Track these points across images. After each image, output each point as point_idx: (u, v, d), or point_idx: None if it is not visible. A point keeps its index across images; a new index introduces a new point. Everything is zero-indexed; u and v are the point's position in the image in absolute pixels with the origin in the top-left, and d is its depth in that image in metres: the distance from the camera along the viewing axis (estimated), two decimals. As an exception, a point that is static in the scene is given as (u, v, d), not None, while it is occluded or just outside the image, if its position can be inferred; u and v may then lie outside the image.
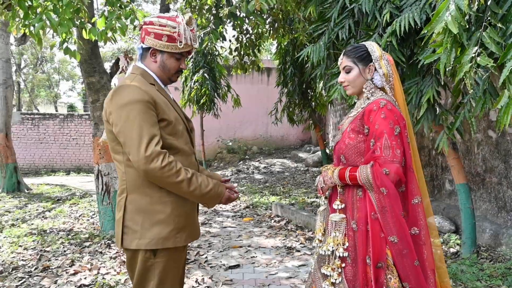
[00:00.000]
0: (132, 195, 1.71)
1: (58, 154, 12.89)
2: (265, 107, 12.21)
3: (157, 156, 1.59)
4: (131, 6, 3.41)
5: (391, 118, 1.71)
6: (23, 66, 22.49)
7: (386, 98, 1.79)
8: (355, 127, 1.82)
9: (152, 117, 1.65)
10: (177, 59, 1.79)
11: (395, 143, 1.67)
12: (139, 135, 1.60)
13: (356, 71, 1.84)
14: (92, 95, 4.93)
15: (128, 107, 1.62)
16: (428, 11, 3.00)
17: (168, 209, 1.70)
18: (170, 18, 1.74)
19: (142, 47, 1.79)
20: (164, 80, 1.83)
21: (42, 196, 8.29)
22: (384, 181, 1.66)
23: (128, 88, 1.67)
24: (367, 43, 1.89)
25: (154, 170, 1.59)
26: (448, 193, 4.81)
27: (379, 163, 1.68)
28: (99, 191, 4.95)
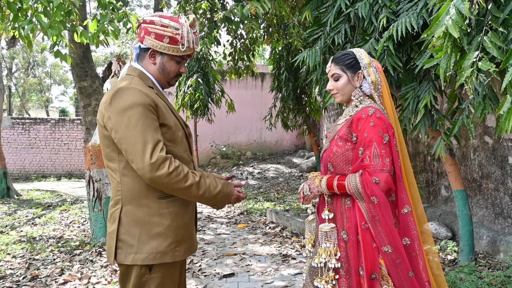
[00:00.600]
0: (127, 206, 1.60)
1: (49, 159, 12.71)
2: (259, 112, 12.17)
3: (163, 162, 1.51)
4: (124, 9, 3.34)
5: (380, 126, 1.69)
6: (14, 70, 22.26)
7: (374, 106, 1.77)
8: (343, 135, 1.79)
9: (154, 121, 1.56)
10: (177, 62, 1.71)
11: (384, 151, 1.66)
12: (143, 141, 1.50)
13: (345, 79, 1.82)
14: (84, 99, 4.85)
15: (129, 111, 1.52)
16: (425, 16, 2.98)
17: (167, 221, 1.61)
18: (172, 18, 1.66)
19: (140, 47, 1.69)
20: (163, 83, 1.74)
21: (32, 202, 8.14)
22: (374, 190, 1.63)
23: (128, 91, 1.56)
24: (355, 50, 1.87)
25: (161, 177, 1.50)
26: (444, 199, 4.78)
27: (369, 172, 1.66)
28: (90, 197, 4.85)
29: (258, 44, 7.16)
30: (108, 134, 1.59)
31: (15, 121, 12.64)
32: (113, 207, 1.65)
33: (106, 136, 1.60)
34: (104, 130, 1.60)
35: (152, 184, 1.53)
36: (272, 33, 6.65)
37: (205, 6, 4.11)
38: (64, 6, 2.73)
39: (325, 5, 3.74)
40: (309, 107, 8.69)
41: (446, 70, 2.04)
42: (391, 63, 3.11)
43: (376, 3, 3.31)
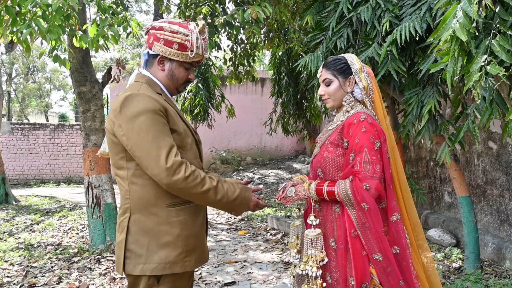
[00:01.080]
0: (136, 215, 1.57)
1: (48, 164, 12.64)
2: (259, 118, 12.12)
3: (179, 166, 1.49)
4: (124, 14, 3.30)
5: (372, 132, 1.67)
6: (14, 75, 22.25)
7: (366, 111, 1.75)
8: (334, 140, 1.77)
9: (165, 126, 1.55)
10: (186, 69, 1.69)
11: (375, 158, 1.63)
12: (157, 146, 1.49)
13: (336, 84, 1.81)
14: (83, 104, 4.80)
15: (140, 117, 1.50)
16: (429, 20, 2.94)
17: (176, 230, 1.57)
18: (181, 24, 1.64)
19: (148, 53, 1.68)
20: (171, 90, 1.72)
21: (30, 208, 8.07)
22: (364, 197, 1.60)
23: (137, 97, 1.54)
24: (347, 55, 1.86)
25: (178, 181, 1.48)
26: (447, 205, 4.72)
27: (359, 178, 1.63)
28: (89, 204, 4.79)
29: (259, 49, 7.13)
30: (117, 142, 1.57)
31: (14, 127, 12.59)
32: (121, 215, 1.62)
33: (115, 143, 1.58)
34: (114, 137, 1.58)
35: (169, 190, 1.52)
36: (273, 38, 6.62)
37: (206, 10, 4.08)
38: (63, 10, 2.69)
39: (326, 10, 3.71)
40: (309, 112, 8.65)
41: (453, 74, 2.00)
42: (394, 68, 3.07)
43: (378, 7, 3.28)
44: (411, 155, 5.49)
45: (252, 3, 3.78)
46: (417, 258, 1.78)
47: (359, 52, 3.29)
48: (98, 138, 4.82)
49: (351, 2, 3.42)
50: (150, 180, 1.55)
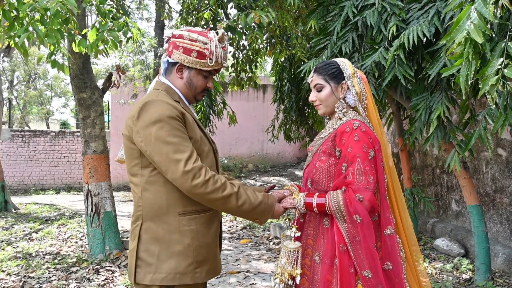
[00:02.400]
0: (147, 223, 1.56)
1: (48, 172, 12.55)
2: (260, 124, 12.05)
3: (199, 170, 1.47)
4: (124, 18, 3.23)
5: (365, 141, 1.59)
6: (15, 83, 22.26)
7: (359, 119, 1.68)
8: (326, 149, 1.68)
9: (184, 132, 1.54)
10: (205, 77, 1.68)
11: (368, 168, 1.56)
12: (176, 150, 1.47)
13: (328, 90, 1.73)
14: (83, 111, 4.72)
15: (158, 123, 1.49)
16: (437, 23, 2.87)
17: (187, 240, 1.53)
18: (201, 33, 1.64)
19: (168, 61, 1.69)
20: (189, 98, 1.72)
21: (29, 216, 7.97)
22: (357, 209, 1.52)
23: (155, 103, 1.54)
24: (339, 59, 1.78)
25: (198, 186, 1.45)
26: (455, 214, 4.60)
27: (352, 189, 1.54)
28: (88, 212, 4.69)
29: (261, 55, 7.08)
30: (134, 148, 1.57)
31: (15, 134, 12.52)
32: (133, 223, 1.61)
33: (132, 150, 1.58)
34: (131, 144, 1.57)
35: (190, 195, 1.49)
36: (275, 44, 6.55)
37: (208, 15, 4.02)
38: (61, 14, 2.62)
39: (331, 14, 3.64)
40: (312, 118, 8.57)
41: (466, 78, 1.91)
42: (402, 73, 2.99)
43: (384, 11, 3.20)
44: (417, 162, 5.39)
45: (254, 8, 3.71)
46: (412, 274, 1.70)
47: (364, 57, 3.21)
48: (98, 145, 4.73)
49: (356, 6, 3.35)
50: (163, 188, 1.54)
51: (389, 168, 1.72)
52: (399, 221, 1.70)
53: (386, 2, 3.20)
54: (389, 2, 3.19)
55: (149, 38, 12.00)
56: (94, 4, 3.08)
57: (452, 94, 3.11)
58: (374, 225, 1.57)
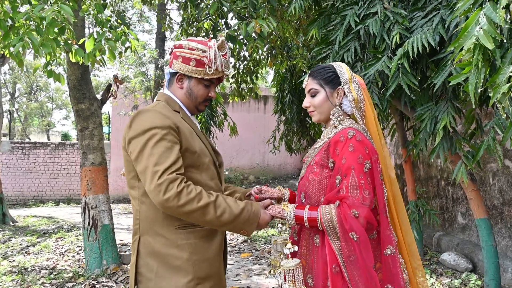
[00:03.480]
0: (145, 236, 1.51)
1: (48, 184, 12.45)
2: (262, 136, 11.98)
3: (171, 182, 1.36)
4: (122, 28, 3.18)
5: (361, 151, 1.45)
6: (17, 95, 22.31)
7: (355, 127, 1.54)
8: (319, 160, 1.56)
9: (173, 144, 1.45)
10: (206, 86, 1.63)
11: (364, 181, 1.42)
12: (155, 163, 1.39)
13: (323, 95, 1.60)
14: (81, 122, 4.65)
15: (148, 133, 1.44)
16: (442, 31, 2.80)
17: (185, 254, 1.45)
18: (200, 41, 1.61)
19: (170, 72, 1.65)
20: (191, 108, 1.66)
21: (27, 229, 7.85)
22: (353, 225, 1.38)
23: (148, 113, 1.50)
24: (336, 63, 1.65)
25: (169, 199, 1.34)
26: (461, 227, 4.48)
27: (347, 204, 1.40)
28: (86, 225, 4.58)
29: (262, 66, 7.04)
30: (130, 159, 1.52)
31: (15, 146, 12.46)
32: (133, 237, 1.57)
33: (128, 162, 1.53)
34: (128, 155, 1.53)
35: (164, 210, 1.40)
36: (276, 55, 6.51)
37: (208, 25, 3.97)
38: (57, 22, 2.56)
39: (332, 23, 3.58)
40: (313, 129, 8.49)
41: (476, 86, 1.83)
42: (406, 82, 2.91)
43: (387, 20, 3.14)
44: (421, 174, 5.28)
45: (255, 17, 3.66)
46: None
47: (367, 66, 3.14)
48: (96, 156, 4.65)
49: (358, 15, 3.30)
50: None
51: (390, 179, 1.59)
52: (401, 238, 1.57)
53: (389, 10, 3.15)
54: (391, 10, 3.14)
55: (150, 50, 12.02)
56: (92, 13, 3.03)
57: (458, 104, 3.02)
58: (373, 244, 1.45)
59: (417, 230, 4.20)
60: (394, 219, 1.56)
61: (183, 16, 5.41)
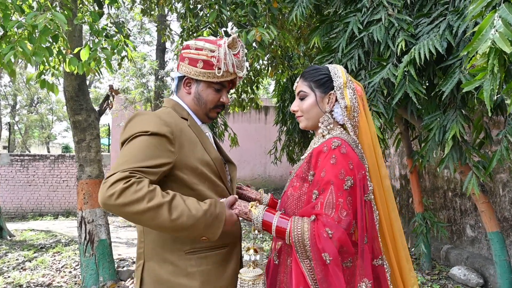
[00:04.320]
0: (150, 262, 1.33)
1: (47, 197, 12.31)
2: (263, 146, 11.87)
3: (122, 179, 1.14)
4: (118, 36, 3.08)
5: (343, 165, 1.26)
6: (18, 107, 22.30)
7: (343, 137, 1.35)
8: (300, 173, 1.38)
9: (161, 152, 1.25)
10: (216, 91, 1.45)
11: (342, 200, 1.23)
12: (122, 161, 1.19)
13: (312, 99, 1.42)
14: (78, 134, 4.54)
15: (136, 138, 1.25)
16: (449, 37, 2.70)
17: (196, 283, 1.28)
18: (208, 40, 1.43)
19: (177, 76, 1.50)
20: (200, 115, 1.48)
21: (24, 243, 7.69)
22: (325, 246, 1.19)
23: (144, 116, 1.32)
24: (332, 66, 1.48)
25: (113, 196, 1.12)
26: (470, 240, 4.33)
27: (322, 222, 1.22)
28: (82, 240, 4.44)
29: (262, 76, 6.96)
30: None
31: (14, 158, 12.35)
32: (136, 262, 1.39)
33: None
34: None
35: (107, 209, 1.16)
36: (277, 65, 6.44)
37: (207, 34, 3.88)
38: (50, 30, 2.46)
39: (335, 31, 3.49)
40: (315, 140, 8.38)
41: (491, 93, 1.71)
42: (413, 90, 2.80)
43: (392, 27, 3.05)
44: (426, 185, 5.14)
45: (255, 25, 3.57)
46: None
47: (372, 74, 3.03)
48: (93, 169, 4.53)
49: (361, 22, 3.20)
50: None
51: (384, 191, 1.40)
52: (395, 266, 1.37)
53: (393, 17, 3.05)
54: (396, 17, 3.04)
55: (151, 61, 11.99)
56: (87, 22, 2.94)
57: (467, 112, 2.91)
58: (345, 273, 1.24)
59: (425, 243, 4.05)
60: (386, 241, 1.38)
61: (182, 26, 5.34)
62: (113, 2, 3.10)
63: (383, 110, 3.00)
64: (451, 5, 2.85)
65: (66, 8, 2.75)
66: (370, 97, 3.03)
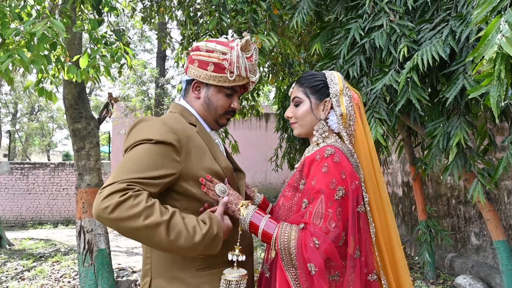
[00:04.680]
0: (157, 280, 1.24)
1: (46, 205, 12.24)
2: (264, 153, 11.82)
3: (118, 191, 1.07)
4: (118, 44, 3.06)
5: (335, 175, 1.21)
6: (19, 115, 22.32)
7: (337, 145, 1.30)
8: (292, 182, 1.34)
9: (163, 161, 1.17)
10: (227, 96, 1.37)
11: (331, 211, 1.17)
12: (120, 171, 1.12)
13: (307, 106, 1.38)
14: (77, 142, 4.50)
15: (139, 146, 1.17)
16: (452, 43, 2.67)
17: None
18: (220, 41, 1.35)
19: (185, 79, 1.40)
20: (210, 122, 1.40)
21: (24, 252, 7.62)
22: (311, 256, 1.13)
23: (148, 123, 1.23)
24: (329, 72, 1.43)
25: (107, 209, 1.05)
26: (475, 248, 4.26)
27: (310, 231, 1.16)
28: (81, 250, 4.38)
29: (263, 83, 6.93)
30: None
31: (14, 166, 12.31)
32: (142, 279, 1.29)
33: None
34: None
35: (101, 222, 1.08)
36: (277, 72, 6.42)
37: (207, 41, 3.86)
38: (48, 37, 2.43)
39: (336, 37, 3.46)
40: (316, 147, 8.34)
41: (498, 99, 1.67)
42: (416, 96, 2.76)
43: (393, 33, 3.02)
44: (429, 192, 5.09)
45: (256, 32, 3.55)
46: None
47: (374, 81, 3.00)
48: (92, 178, 4.48)
49: (363, 28, 3.18)
50: None
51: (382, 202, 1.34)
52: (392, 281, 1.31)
53: (395, 23, 3.03)
54: (398, 23, 3.02)
55: (151, 68, 11.99)
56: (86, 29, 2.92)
57: (471, 119, 2.87)
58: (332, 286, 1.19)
59: (429, 252, 3.99)
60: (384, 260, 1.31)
61: (182, 33, 5.33)
62: (112, 10, 3.08)
63: (386, 117, 2.96)
64: (453, 10, 2.82)
65: (65, 16, 2.73)
66: (373, 104, 3.00)
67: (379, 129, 2.88)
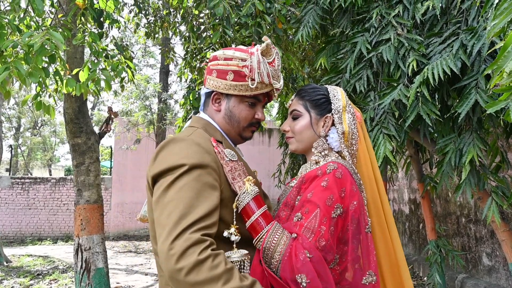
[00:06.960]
0: None
1: (46, 220, 12.10)
2: (267, 169, 11.69)
3: (193, 245, 0.96)
4: (119, 57, 2.99)
5: (334, 191, 1.12)
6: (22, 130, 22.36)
7: (340, 162, 1.21)
8: (289, 200, 1.25)
9: (209, 189, 1.07)
10: (250, 105, 1.26)
11: (325, 228, 1.09)
12: (179, 212, 1.00)
13: (306, 120, 1.30)
14: (77, 157, 4.41)
15: (177, 171, 1.07)
16: (463, 57, 2.58)
17: None
18: (239, 48, 1.26)
19: (204, 92, 1.31)
20: (233, 136, 1.30)
21: (21, 269, 7.46)
22: (302, 267, 1.03)
23: (181, 144, 1.12)
24: (331, 87, 1.36)
25: (182, 270, 0.94)
26: (487, 269, 4.10)
27: (301, 244, 1.07)
28: (78, 269, 4.24)
29: (266, 98, 6.88)
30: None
31: (15, 181, 12.21)
32: None
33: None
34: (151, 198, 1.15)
35: (173, 284, 0.98)
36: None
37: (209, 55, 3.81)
38: (47, 50, 2.36)
39: (342, 51, 3.39)
40: (320, 163, 8.23)
41: (519, 114, 1.57)
42: (426, 112, 2.66)
43: (402, 46, 2.94)
44: (438, 210, 4.94)
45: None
46: None
47: (382, 95, 2.91)
48: (91, 194, 4.38)
49: (370, 42, 3.10)
50: None
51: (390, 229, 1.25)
52: None
53: (403, 36, 2.95)
54: (406, 36, 2.94)
55: (154, 83, 11.99)
56: (86, 41, 2.86)
57: (484, 135, 2.76)
58: None
59: (439, 273, 3.83)
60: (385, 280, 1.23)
61: (185, 48, 5.28)
62: (113, 23, 3.03)
63: (394, 133, 2.86)
64: (463, 24, 2.74)
65: (65, 28, 2.66)
66: (381, 119, 2.90)
67: (388, 146, 2.77)
